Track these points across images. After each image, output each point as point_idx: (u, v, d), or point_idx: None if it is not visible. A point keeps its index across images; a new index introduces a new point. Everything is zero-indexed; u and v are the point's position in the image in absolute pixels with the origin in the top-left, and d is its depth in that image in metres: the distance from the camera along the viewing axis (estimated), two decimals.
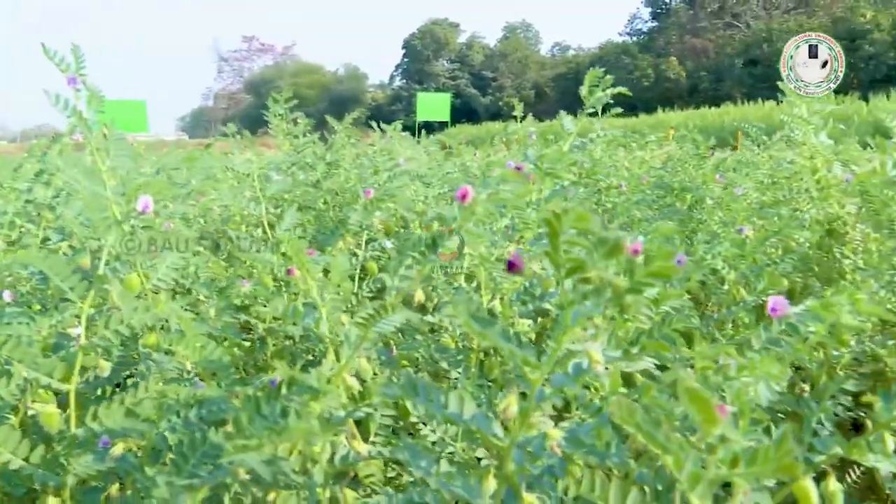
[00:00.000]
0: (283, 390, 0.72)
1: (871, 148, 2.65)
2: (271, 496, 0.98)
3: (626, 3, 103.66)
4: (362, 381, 0.94)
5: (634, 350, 0.98)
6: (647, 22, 52.85)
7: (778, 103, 2.01)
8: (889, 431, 0.88)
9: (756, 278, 1.83)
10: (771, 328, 0.97)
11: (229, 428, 0.79)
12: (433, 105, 10.34)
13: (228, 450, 0.68)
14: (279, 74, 55.23)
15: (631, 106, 37.25)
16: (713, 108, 27.34)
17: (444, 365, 1.49)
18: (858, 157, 3.03)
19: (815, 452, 0.92)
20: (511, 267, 0.58)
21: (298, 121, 3.92)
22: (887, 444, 0.88)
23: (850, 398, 1.39)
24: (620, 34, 58.52)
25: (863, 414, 1.39)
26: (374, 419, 1.14)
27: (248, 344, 1.83)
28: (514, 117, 3.30)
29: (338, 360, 1.05)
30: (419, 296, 0.87)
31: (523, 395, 0.79)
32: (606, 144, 3.39)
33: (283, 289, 1.73)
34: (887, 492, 1.25)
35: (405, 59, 61.17)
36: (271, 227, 2.10)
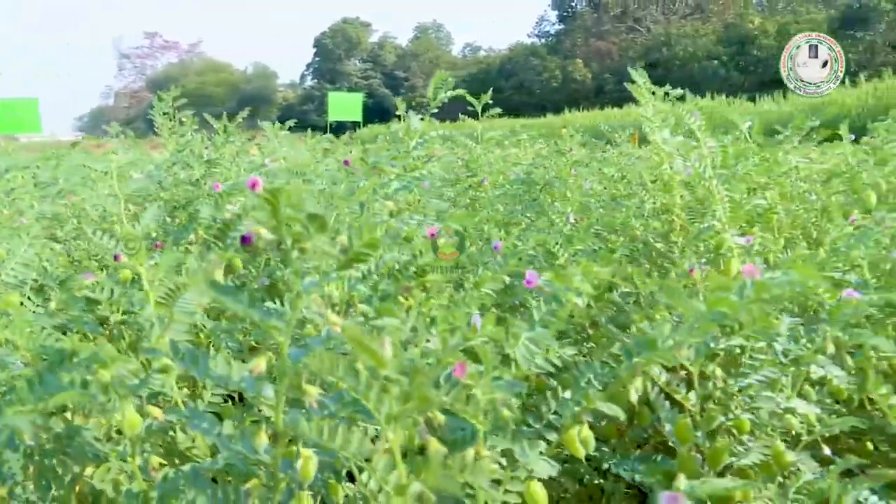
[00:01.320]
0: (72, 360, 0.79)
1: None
2: (89, 470, 1.04)
3: (534, 5, 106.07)
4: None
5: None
6: (554, 24, 54.29)
7: (635, 104, 2.20)
8: (631, 384, 1.03)
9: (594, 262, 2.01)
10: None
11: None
12: (345, 105, 10.25)
13: (7, 414, 0.75)
14: (184, 72, 53.52)
15: (540, 107, 38.09)
16: (616, 109, 28.31)
17: None
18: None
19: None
20: (244, 241, 0.67)
21: (184, 119, 3.90)
22: (630, 394, 1.04)
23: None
24: (529, 36, 59.73)
25: None
26: (203, 397, 1.21)
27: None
28: (399, 117, 3.43)
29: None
30: (218, 277, 0.95)
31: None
32: (486, 142, 3.57)
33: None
34: (671, 443, 1.42)
35: (316, 59, 60.50)
36: (133, 224, 2.12)
